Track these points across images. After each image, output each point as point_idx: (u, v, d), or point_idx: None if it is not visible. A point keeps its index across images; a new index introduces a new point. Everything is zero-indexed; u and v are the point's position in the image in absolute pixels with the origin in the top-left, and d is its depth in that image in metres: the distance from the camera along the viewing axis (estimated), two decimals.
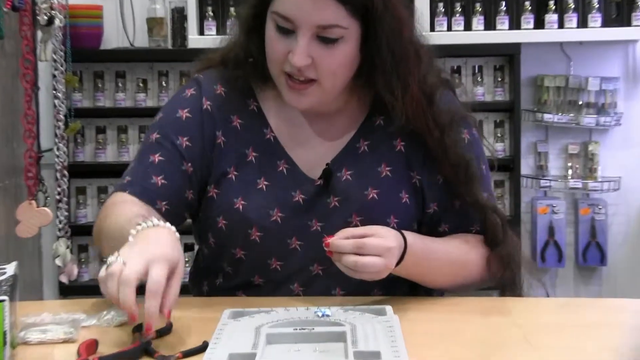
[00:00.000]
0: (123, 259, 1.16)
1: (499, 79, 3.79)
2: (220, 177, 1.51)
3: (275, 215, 1.48)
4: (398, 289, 1.52)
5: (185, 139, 1.50)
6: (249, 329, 1.21)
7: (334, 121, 1.53)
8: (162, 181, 1.48)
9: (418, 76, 1.45)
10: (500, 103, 3.77)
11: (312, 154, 1.52)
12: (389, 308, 1.30)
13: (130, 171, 1.52)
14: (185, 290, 1.62)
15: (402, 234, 1.38)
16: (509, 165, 3.72)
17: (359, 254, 1.30)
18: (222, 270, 1.56)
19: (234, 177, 1.50)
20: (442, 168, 1.50)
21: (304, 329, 1.19)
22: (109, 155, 3.80)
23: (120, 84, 3.78)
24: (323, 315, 1.26)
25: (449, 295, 1.60)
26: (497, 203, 1.56)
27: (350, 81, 1.48)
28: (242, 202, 1.47)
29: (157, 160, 1.49)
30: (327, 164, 1.49)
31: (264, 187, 1.49)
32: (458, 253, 1.49)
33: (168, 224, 1.28)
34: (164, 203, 1.48)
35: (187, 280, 1.64)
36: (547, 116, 3.73)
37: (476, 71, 3.80)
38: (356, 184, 1.50)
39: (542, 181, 3.77)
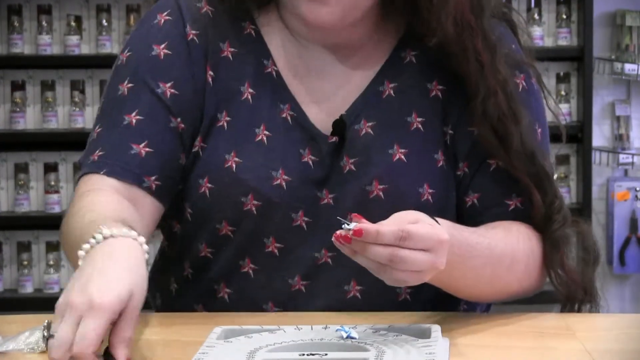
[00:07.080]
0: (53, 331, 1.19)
1: (564, 16, 3.85)
2: (208, 127, 1.55)
3: (279, 178, 1.53)
4: (427, 287, 1.49)
5: (168, 84, 1.54)
6: (241, 353, 1.23)
7: (353, 57, 1.57)
8: (147, 149, 1.51)
9: None
10: (565, 49, 3.86)
11: (324, 99, 1.56)
12: (435, 328, 1.32)
13: (100, 140, 1.53)
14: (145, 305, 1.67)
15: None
16: (576, 135, 3.82)
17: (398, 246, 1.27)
18: (197, 254, 1.58)
19: (225, 124, 1.54)
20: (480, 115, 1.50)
21: (313, 355, 1.22)
22: (30, 120, 3.88)
23: (44, 23, 3.85)
24: (348, 337, 1.28)
25: (496, 311, 1.63)
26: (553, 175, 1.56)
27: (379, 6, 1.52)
28: (236, 158, 1.51)
29: (134, 120, 1.52)
30: (340, 115, 1.53)
31: (265, 138, 1.53)
32: (503, 248, 1.49)
33: (133, 233, 1.30)
34: (153, 178, 1.51)
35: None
36: (629, 67, 3.81)
37: (532, 5, 3.85)
38: (379, 139, 1.54)
39: (621, 156, 3.85)
